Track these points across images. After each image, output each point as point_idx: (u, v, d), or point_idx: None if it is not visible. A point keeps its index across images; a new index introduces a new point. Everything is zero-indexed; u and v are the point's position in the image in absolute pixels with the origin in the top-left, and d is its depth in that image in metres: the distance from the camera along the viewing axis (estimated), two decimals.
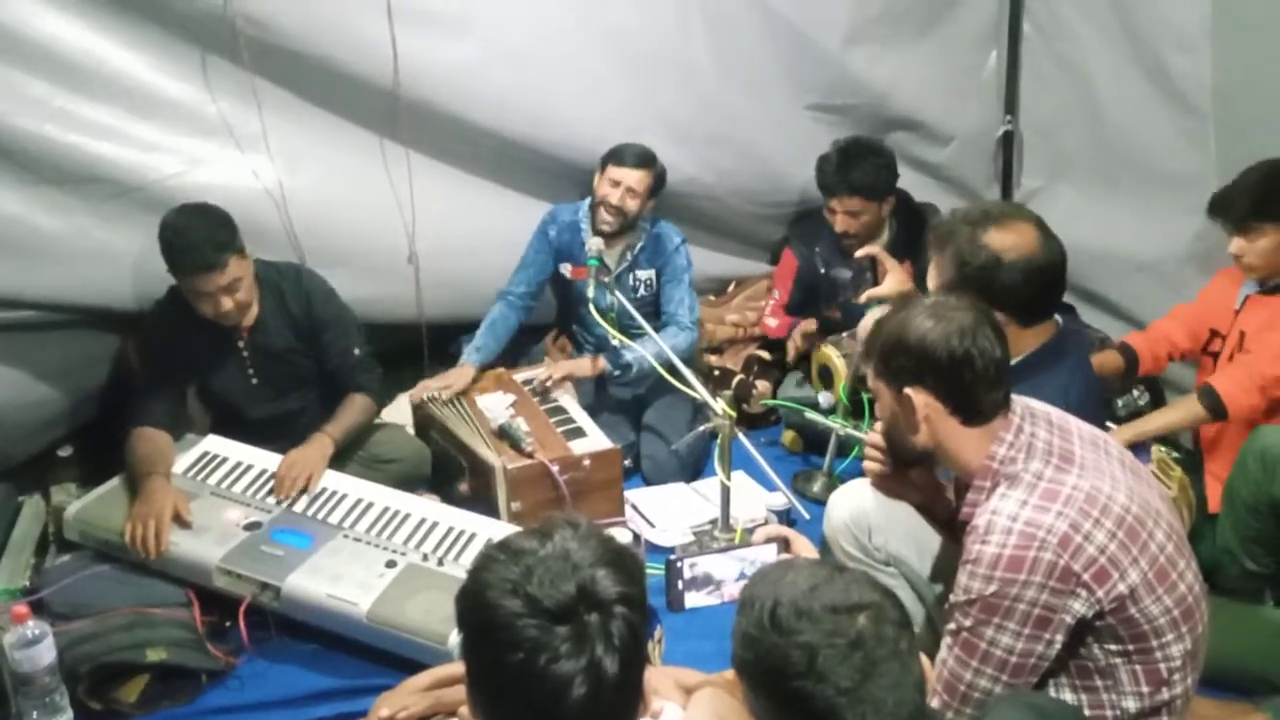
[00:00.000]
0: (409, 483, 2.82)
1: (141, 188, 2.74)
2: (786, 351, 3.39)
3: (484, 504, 2.72)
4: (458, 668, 1.43)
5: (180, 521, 2.43)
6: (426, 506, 2.61)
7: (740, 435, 2.84)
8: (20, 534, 2.67)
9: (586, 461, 2.74)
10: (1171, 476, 2.50)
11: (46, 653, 2.00)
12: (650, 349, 2.94)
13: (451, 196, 3.25)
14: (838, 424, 2.96)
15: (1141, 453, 2.54)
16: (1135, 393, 2.97)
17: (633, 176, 3.08)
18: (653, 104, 3.36)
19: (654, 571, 2.42)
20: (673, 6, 3.31)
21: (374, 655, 2.27)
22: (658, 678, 1.50)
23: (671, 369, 2.82)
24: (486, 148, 3.25)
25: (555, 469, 2.69)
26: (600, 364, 3.12)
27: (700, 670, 1.62)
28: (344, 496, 2.59)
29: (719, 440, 2.71)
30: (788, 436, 3.30)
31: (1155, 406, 2.97)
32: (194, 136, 2.83)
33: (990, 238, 1.99)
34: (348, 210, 3.10)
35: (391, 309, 3.24)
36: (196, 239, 2.51)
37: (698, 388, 2.77)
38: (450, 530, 2.50)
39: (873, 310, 2.49)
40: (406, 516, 2.54)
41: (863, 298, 2.69)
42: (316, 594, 2.29)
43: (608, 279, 3.09)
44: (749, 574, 2.12)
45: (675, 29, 3.33)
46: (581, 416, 2.98)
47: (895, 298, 2.42)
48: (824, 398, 3.08)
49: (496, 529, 2.49)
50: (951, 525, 1.92)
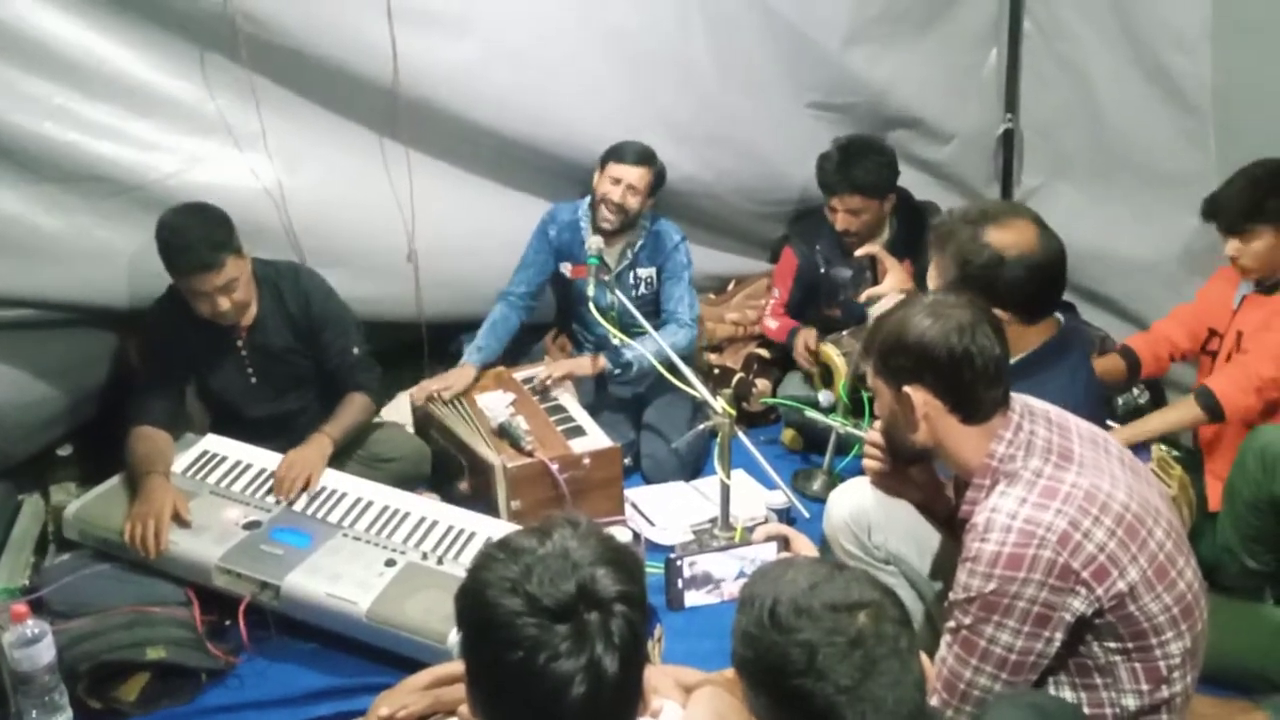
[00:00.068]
0: (409, 482, 2.82)
1: (140, 186, 2.73)
2: (793, 350, 3.37)
3: (484, 503, 2.72)
4: (457, 666, 1.43)
5: (180, 520, 2.43)
6: (426, 505, 2.61)
7: (740, 434, 2.84)
8: (20, 533, 2.68)
9: (586, 460, 2.74)
10: (1171, 475, 2.50)
11: (46, 651, 2.00)
12: (650, 347, 2.94)
13: (451, 195, 3.24)
14: (837, 422, 2.96)
15: (1142, 451, 2.53)
16: (1135, 391, 2.97)
17: (634, 174, 3.08)
18: (653, 104, 3.36)
19: (654, 570, 2.42)
20: (673, 6, 3.31)
21: (373, 654, 2.27)
22: (657, 676, 1.50)
23: (671, 367, 2.81)
24: (486, 147, 3.24)
25: (555, 467, 2.69)
26: (600, 363, 3.12)
27: (700, 669, 1.62)
28: (343, 495, 2.59)
29: (719, 439, 2.71)
30: (787, 435, 3.29)
31: (1155, 404, 2.97)
32: (193, 135, 2.83)
33: (991, 236, 1.99)
34: (347, 209, 3.10)
35: (391, 308, 3.24)
36: (193, 239, 2.51)
37: (697, 386, 2.76)
38: (450, 529, 2.50)
39: (874, 308, 2.49)
40: (406, 515, 2.54)
41: (863, 296, 2.69)
42: (316, 593, 2.29)
43: (608, 277, 3.09)
44: (749, 572, 2.12)
45: (675, 29, 3.33)
46: (581, 415, 2.98)
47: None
48: (824, 396, 3.08)
49: (496, 528, 2.49)
50: (951, 523, 1.92)
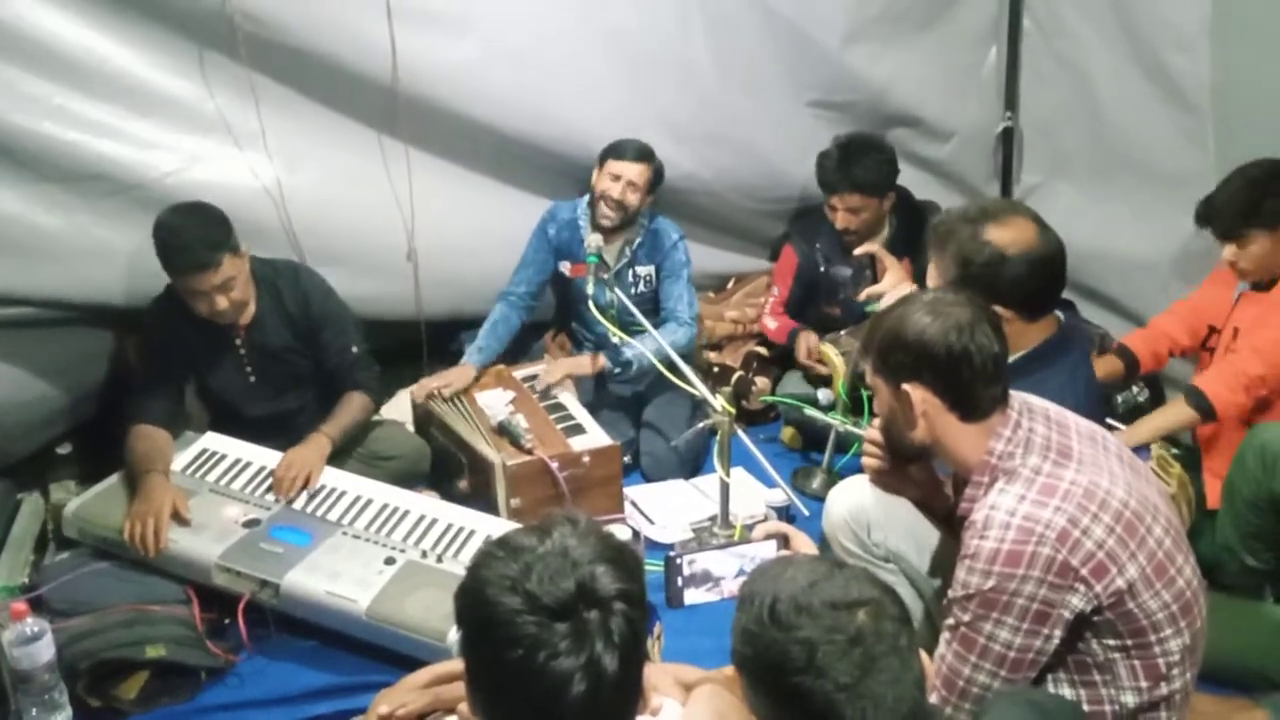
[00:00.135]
0: (408, 480, 2.82)
1: (140, 185, 2.73)
2: (795, 352, 3.36)
3: (483, 501, 2.72)
4: (457, 665, 1.43)
5: (179, 519, 2.43)
6: (425, 503, 2.61)
7: (739, 432, 2.84)
8: (19, 531, 2.68)
9: (586, 458, 2.74)
10: (1170, 473, 2.50)
11: (45, 650, 1.99)
12: (650, 346, 2.94)
13: (451, 194, 3.24)
14: (837, 420, 2.96)
15: (1141, 450, 2.54)
16: (1135, 389, 2.98)
17: (633, 170, 3.08)
18: (653, 102, 3.36)
19: (653, 568, 2.42)
20: (673, 6, 3.31)
21: (373, 652, 2.27)
22: (657, 674, 1.50)
23: (671, 366, 2.81)
24: (486, 145, 3.24)
25: (554, 466, 2.69)
26: (600, 362, 3.12)
27: (700, 667, 1.61)
28: (343, 493, 2.59)
29: (718, 437, 2.70)
30: (787, 433, 3.29)
31: (1155, 402, 2.98)
32: (192, 134, 2.83)
33: (991, 234, 1.99)
34: (346, 208, 3.09)
35: (391, 307, 3.24)
36: (191, 238, 2.51)
37: (697, 384, 2.76)
38: (449, 527, 2.50)
39: (880, 304, 2.48)
40: (405, 513, 2.54)
41: (862, 295, 2.69)
42: (315, 591, 2.29)
43: (607, 276, 3.09)
44: (748, 570, 2.12)
45: (675, 28, 3.33)
46: (581, 413, 2.98)
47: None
48: (823, 394, 3.08)
49: (496, 526, 2.49)
50: (950, 521, 1.92)
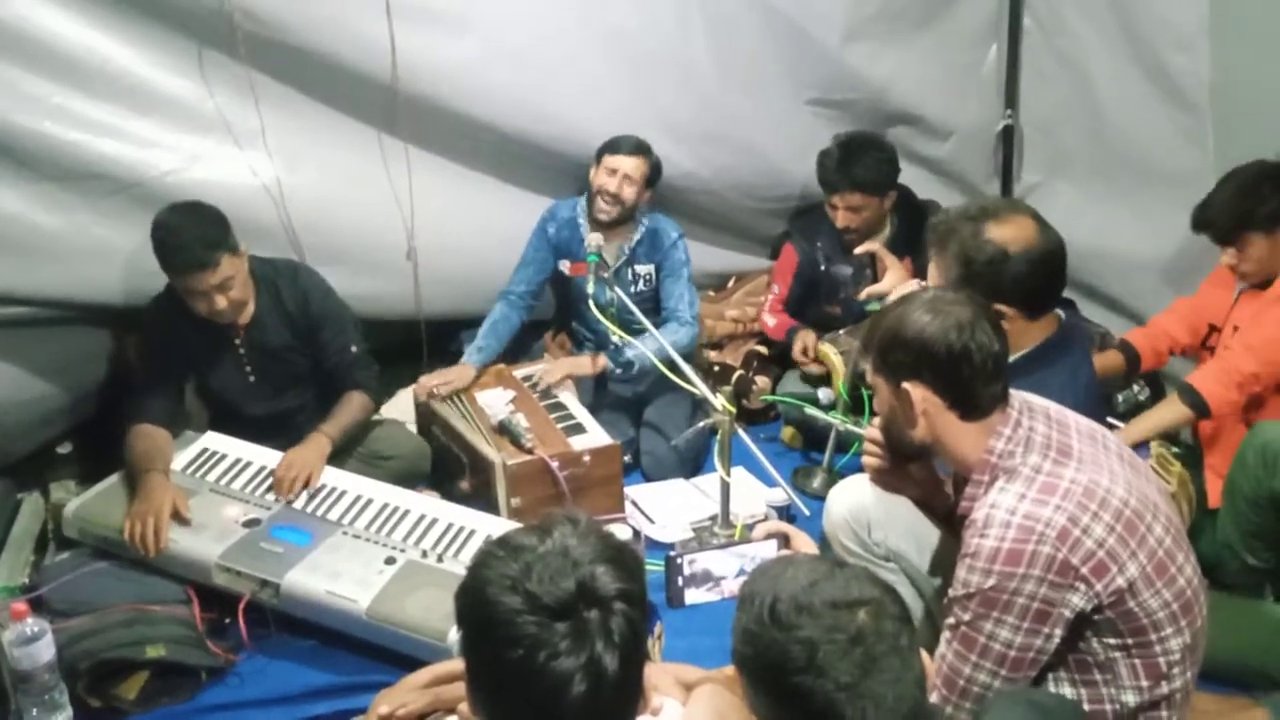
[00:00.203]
0: (408, 479, 2.81)
1: (139, 184, 2.73)
2: (791, 351, 3.37)
3: (483, 500, 2.71)
4: (457, 664, 1.43)
5: (179, 518, 2.43)
6: (425, 503, 2.60)
7: (740, 431, 2.84)
8: (19, 531, 2.68)
9: (586, 457, 2.74)
10: (1171, 472, 2.50)
11: (46, 650, 1.99)
12: (651, 345, 2.94)
13: (450, 192, 3.24)
14: (837, 419, 2.96)
15: (1141, 448, 2.54)
16: (1135, 388, 2.98)
17: (629, 164, 3.08)
18: (653, 101, 3.36)
19: (654, 568, 2.42)
20: (672, 5, 3.31)
21: (373, 652, 2.27)
22: (657, 674, 1.50)
23: (671, 365, 2.81)
24: (486, 144, 3.24)
25: (555, 465, 2.68)
26: (601, 362, 3.11)
27: (700, 666, 1.61)
28: (343, 493, 2.59)
29: (719, 436, 2.70)
30: (787, 432, 3.29)
31: (1156, 401, 2.97)
32: (192, 133, 2.83)
33: (993, 232, 1.99)
34: (346, 206, 3.10)
35: (390, 305, 3.24)
36: (188, 238, 2.51)
37: (697, 384, 2.76)
38: (449, 527, 2.50)
39: (874, 306, 2.49)
40: (406, 513, 2.54)
41: (863, 294, 2.68)
42: (316, 591, 2.29)
43: (607, 274, 3.09)
44: (749, 570, 2.12)
45: (675, 27, 3.33)
46: (581, 412, 2.98)
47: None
48: (824, 393, 3.08)
49: (496, 525, 2.49)
50: (950, 520, 1.92)
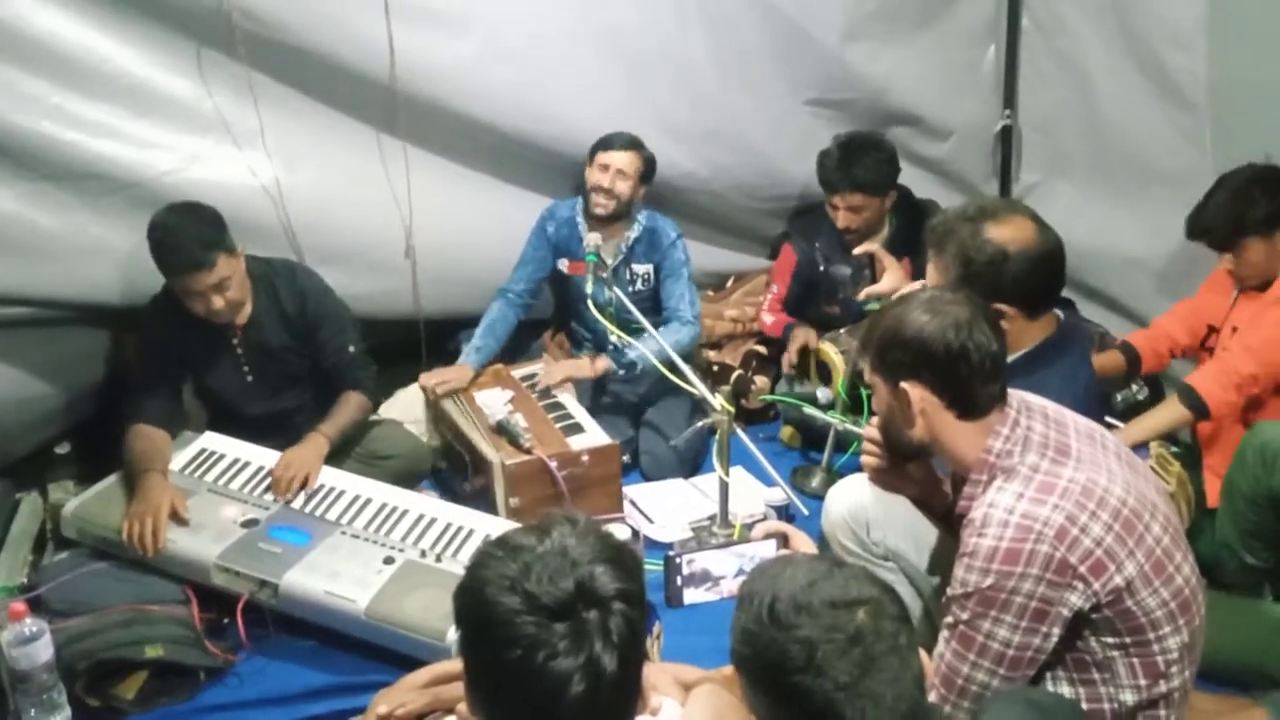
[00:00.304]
0: (407, 479, 2.81)
1: (138, 184, 2.73)
2: (786, 352, 3.37)
3: (482, 500, 2.72)
4: (456, 664, 1.43)
5: (178, 518, 2.42)
6: (424, 503, 2.60)
7: (739, 431, 2.84)
8: (18, 531, 2.68)
9: (585, 457, 2.73)
10: (1170, 472, 2.50)
11: (44, 650, 1.99)
12: (652, 346, 2.94)
13: (449, 192, 3.24)
14: (836, 419, 2.96)
15: (1140, 449, 2.54)
16: (1134, 387, 2.98)
17: (621, 159, 3.09)
18: (651, 102, 3.36)
19: (653, 567, 2.42)
20: (671, 5, 3.31)
21: (372, 652, 2.26)
22: (656, 674, 1.50)
23: (671, 365, 2.81)
24: (485, 143, 3.24)
25: (554, 465, 2.68)
26: (600, 365, 3.10)
27: (699, 666, 1.61)
28: (341, 493, 2.59)
29: (717, 436, 2.70)
30: (786, 432, 3.29)
31: (1154, 400, 2.97)
32: (191, 133, 2.82)
33: (992, 232, 1.99)
34: (345, 206, 3.09)
35: (389, 305, 3.24)
36: (185, 238, 2.50)
37: (696, 384, 2.76)
38: (448, 526, 2.50)
39: (873, 306, 2.49)
40: (404, 513, 2.54)
41: (862, 295, 2.69)
42: (314, 591, 2.29)
43: (605, 274, 3.08)
44: (747, 570, 2.13)
45: (674, 27, 3.33)
46: (580, 412, 2.97)
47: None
48: (822, 393, 3.08)
49: (495, 525, 2.49)
50: (949, 519, 1.92)
